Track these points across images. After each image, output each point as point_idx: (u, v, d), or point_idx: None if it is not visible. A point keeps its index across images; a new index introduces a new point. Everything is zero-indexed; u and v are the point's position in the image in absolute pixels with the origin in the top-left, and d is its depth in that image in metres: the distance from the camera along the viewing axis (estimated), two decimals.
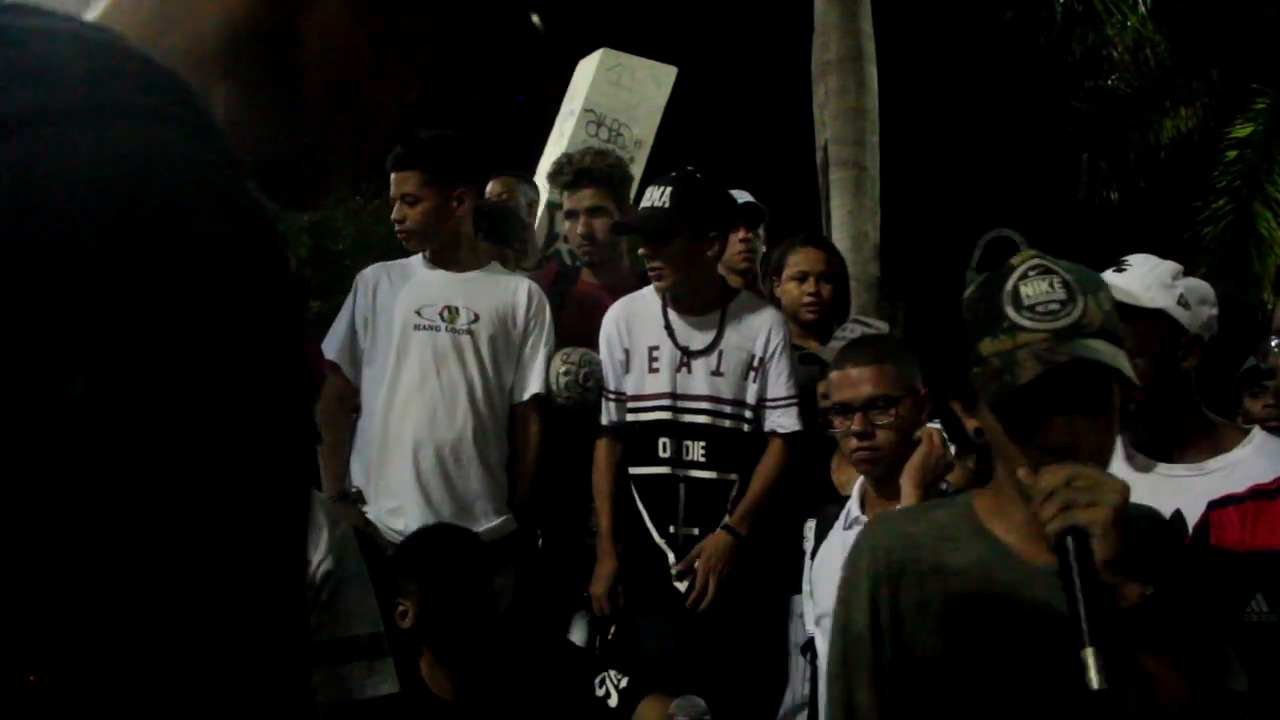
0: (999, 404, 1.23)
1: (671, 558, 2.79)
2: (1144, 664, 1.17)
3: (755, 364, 2.86)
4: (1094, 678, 1.10)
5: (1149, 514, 1.40)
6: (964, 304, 1.34)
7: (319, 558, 1.58)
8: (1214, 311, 1.96)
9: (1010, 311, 1.25)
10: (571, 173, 3.23)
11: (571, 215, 3.24)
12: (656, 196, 2.84)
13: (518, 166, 3.53)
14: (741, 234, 3.42)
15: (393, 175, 2.97)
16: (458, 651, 2.32)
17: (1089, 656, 1.11)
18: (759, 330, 2.87)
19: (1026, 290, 1.25)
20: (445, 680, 2.32)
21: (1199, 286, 1.96)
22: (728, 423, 2.84)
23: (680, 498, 2.80)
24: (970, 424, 1.37)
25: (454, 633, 2.30)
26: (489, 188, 3.64)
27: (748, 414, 2.86)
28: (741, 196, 3.50)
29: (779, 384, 2.85)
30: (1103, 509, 1.14)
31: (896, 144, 6.57)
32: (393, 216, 3.00)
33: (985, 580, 1.31)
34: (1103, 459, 1.25)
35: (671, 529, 2.80)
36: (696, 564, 2.75)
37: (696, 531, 2.79)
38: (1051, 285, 1.25)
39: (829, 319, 3.11)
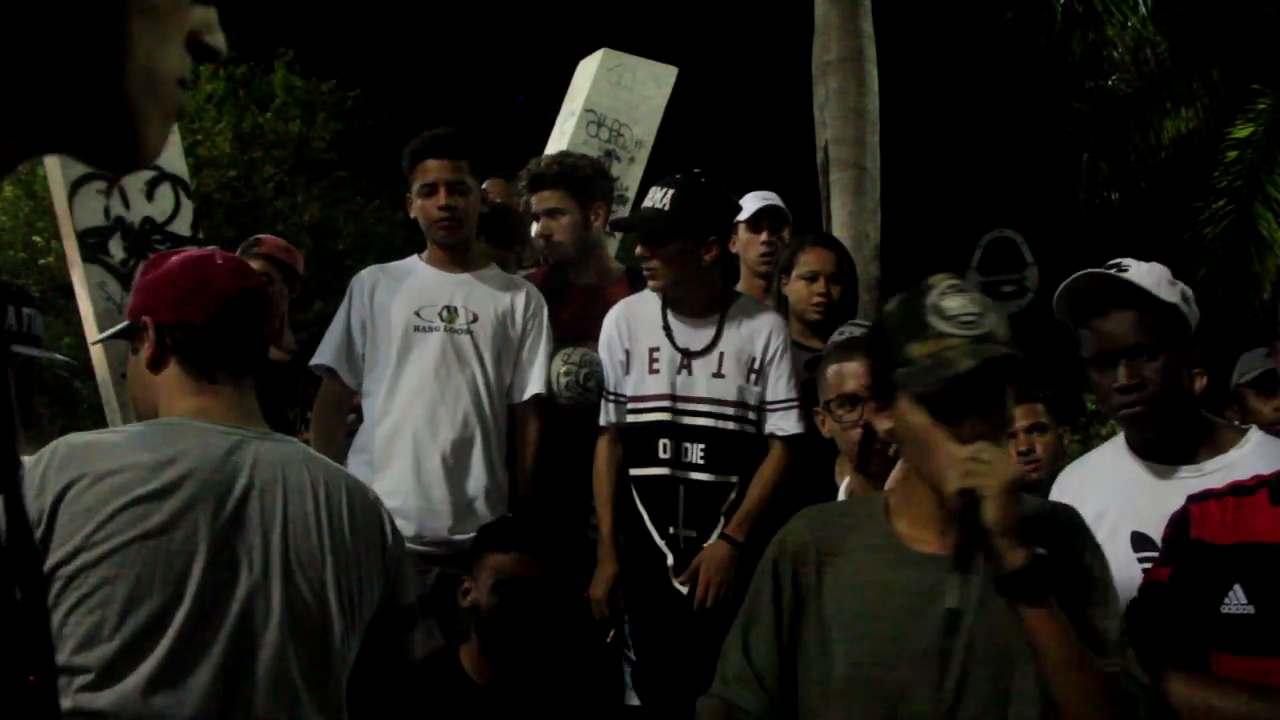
0: (931, 394, 1.43)
1: (670, 559, 2.79)
2: (1028, 621, 1.37)
3: (756, 366, 2.85)
4: (948, 597, 1.43)
5: (1054, 509, 1.60)
6: (884, 318, 1.56)
7: (390, 543, 1.64)
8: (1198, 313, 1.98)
9: (934, 320, 1.46)
10: (528, 177, 3.25)
11: (535, 218, 3.26)
12: (658, 198, 2.83)
13: (518, 167, 3.52)
14: (764, 236, 3.42)
15: (435, 162, 2.88)
16: (508, 641, 2.45)
17: (948, 582, 1.43)
18: (759, 333, 2.87)
19: (947, 304, 1.47)
20: (487, 668, 2.47)
21: (1188, 288, 1.98)
22: (730, 425, 2.83)
23: (680, 499, 2.80)
24: (883, 425, 1.55)
25: (510, 623, 2.45)
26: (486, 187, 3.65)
27: (750, 415, 2.85)
28: (768, 199, 3.50)
29: (779, 386, 2.85)
30: (996, 479, 1.36)
31: (896, 144, 6.57)
32: (442, 203, 2.88)
33: (866, 561, 1.53)
34: (1001, 442, 1.48)
35: (671, 530, 2.80)
36: (699, 574, 2.76)
37: (695, 534, 2.79)
38: (968, 300, 1.48)
39: (836, 320, 3.10)
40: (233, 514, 1.47)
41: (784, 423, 2.84)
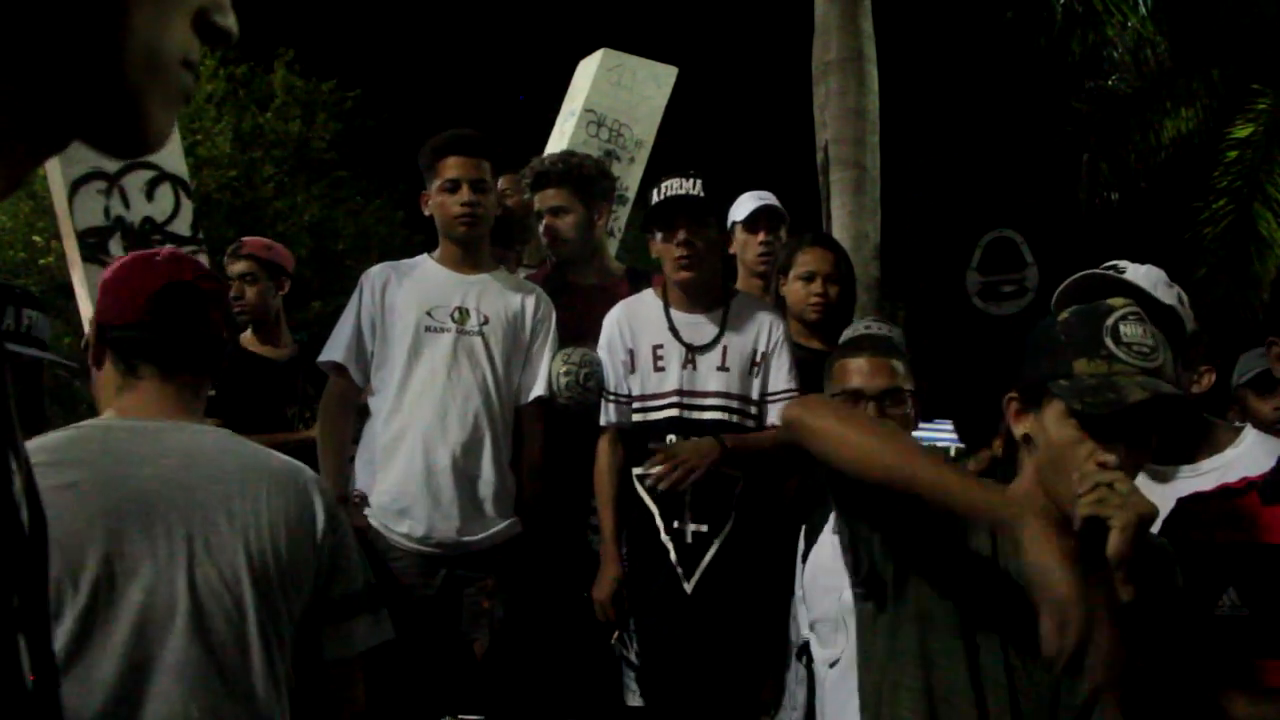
0: (1090, 415, 1.40)
1: (674, 555, 2.79)
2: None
3: (758, 359, 2.87)
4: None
5: (1162, 545, 1.55)
6: (1056, 325, 1.51)
7: (321, 529, 1.61)
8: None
9: (1110, 343, 1.44)
10: (532, 175, 3.27)
11: (538, 216, 3.27)
12: (690, 186, 2.85)
13: (518, 167, 3.52)
14: (762, 236, 3.44)
15: (457, 159, 2.91)
16: (518, 644, 2.54)
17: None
18: (759, 326, 2.90)
19: (1125, 329, 1.46)
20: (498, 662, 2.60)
21: (1182, 291, 1.99)
22: (735, 418, 2.85)
23: (687, 494, 2.80)
24: (1020, 428, 1.51)
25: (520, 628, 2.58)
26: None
27: (752, 409, 2.87)
28: (764, 199, 3.51)
29: (779, 377, 2.87)
30: (1127, 513, 1.30)
31: (896, 144, 6.58)
32: (465, 199, 2.90)
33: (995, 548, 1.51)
34: (1133, 479, 1.42)
35: (676, 524, 2.81)
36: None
37: (706, 528, 2.79)
38: (1145, 332, 1.46)
39: (833, 320, 3.11)
40: (132, 507, 1.47)
41: None
